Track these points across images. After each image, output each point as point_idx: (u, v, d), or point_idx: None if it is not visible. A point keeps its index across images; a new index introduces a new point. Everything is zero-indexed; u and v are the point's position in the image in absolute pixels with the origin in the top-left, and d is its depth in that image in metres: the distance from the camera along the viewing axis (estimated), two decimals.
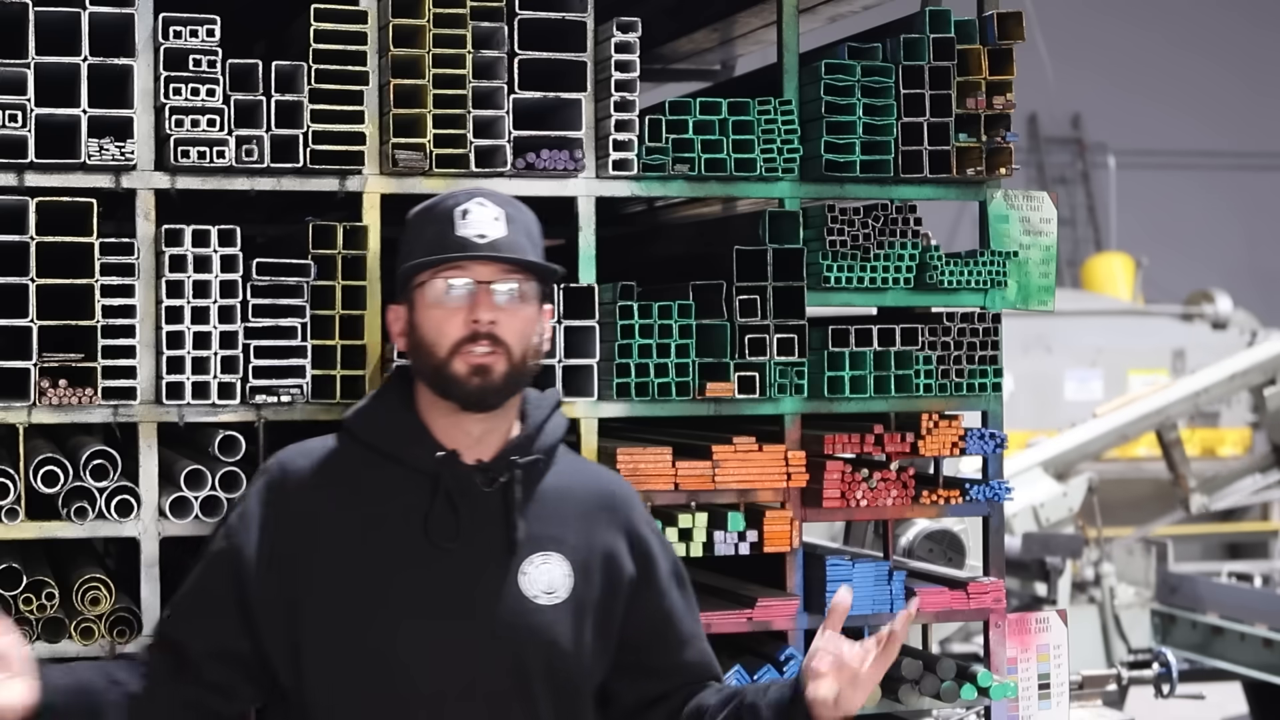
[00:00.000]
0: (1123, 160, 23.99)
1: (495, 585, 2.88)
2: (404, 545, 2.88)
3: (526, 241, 2.93)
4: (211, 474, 3.55)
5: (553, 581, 2.91)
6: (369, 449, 2.94)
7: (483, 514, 2.90)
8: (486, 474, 2.90)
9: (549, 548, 2.93)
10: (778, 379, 3.84)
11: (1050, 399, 13.45)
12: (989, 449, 3.98)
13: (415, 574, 2.87)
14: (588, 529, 2.97)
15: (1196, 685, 8.09)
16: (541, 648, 2.89)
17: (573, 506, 2.98)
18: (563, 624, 2.91)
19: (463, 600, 2.87)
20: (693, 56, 5.37)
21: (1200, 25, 24.54)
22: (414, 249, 2.93)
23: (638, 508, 3.07)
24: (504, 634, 2.87)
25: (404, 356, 3.01)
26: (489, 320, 2.85)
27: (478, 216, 2.89)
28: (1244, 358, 9.58)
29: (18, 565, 3.49)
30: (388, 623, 2.85)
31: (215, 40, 3.56)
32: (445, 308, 2.87)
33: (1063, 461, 8.94)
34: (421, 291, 2.90)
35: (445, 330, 2.86)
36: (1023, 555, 8.15)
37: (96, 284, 3.50)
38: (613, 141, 3.77)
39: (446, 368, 2.86)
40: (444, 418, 2.91)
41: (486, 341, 2.85)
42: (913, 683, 3.89)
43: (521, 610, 2.89)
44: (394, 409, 2.96)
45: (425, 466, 2.90)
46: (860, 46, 4.00)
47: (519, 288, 2.88)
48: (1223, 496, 9.46)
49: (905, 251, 3.94)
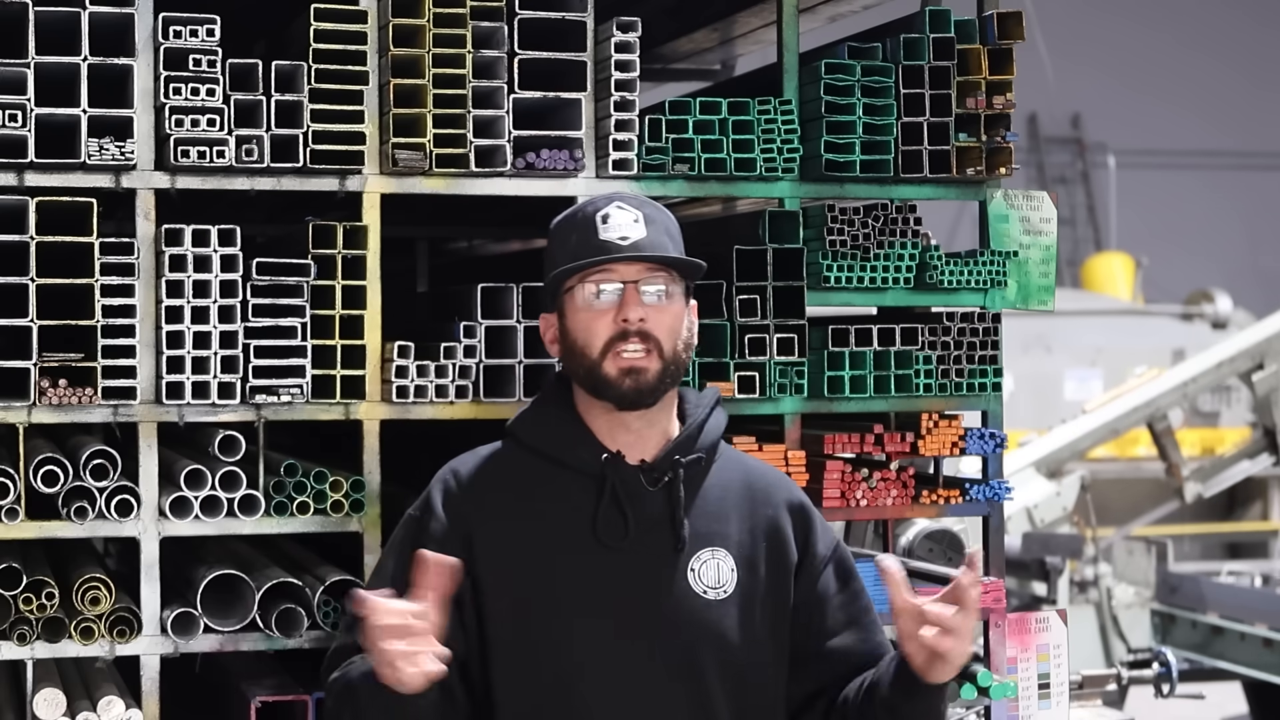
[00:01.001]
0: (1123, 160, 24.00)
1: (665, 583, 2.95)
2: (574, 546, 2.94)
3: (668, 240, 3.00)
4: (211, 474, 3.55)
5: (720, 576, 2.99)
6: (534, 453, 3.01)
7: (649, 513, 2.97)
8: (651, 473, 2.96)
9: (715, 543, 3.00)
10: (778, 379, 3.84)
11: (1050, 399, 13.46)
12: (989, 449, 3.98)
13: (587, 575, 2.93)
14: (750, 522, 3.04)
15: (1196, 685, 8.09)
16: (712, 642, 2.96)
17: (734, 501, 3.05)
18: (731, 618, 2.98)
19: (634, 599, 2.93)
20: (693, 56, 5.37)
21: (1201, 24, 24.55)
22: (559, 257, 3.00)
23: (796, 493, 3.14)
24: (676, 631, 2.93)
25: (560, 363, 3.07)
26: (639, 318, 2.92)
27: (618, 220, 2.97)
28: (1230, 344, 9.52)
29: (18, 565, 3.49)
30: (562, 623, 2.91)
31: (215, 40, 3.56)
32: (594, 310, 2.94)
33: (1054, 460, 8.92)
34: (570, 297, 2.97)
35: (595, 331, 2.94)
36: (1022, 555, 8.14)
37: (96, 284, 3.50)
38: (613, 141, 3.77)
39: (599, 369, 2.94)
40: (603, 418, 2.99)
41: (637, 339, 2.92)
42: None
43: (693, 607, 2.96)
44: (556, 413, 3.03)
45: (591, 468, 2.97)
46: (860, 46, 4.00)
47: (665, 286, 2.96)
48: (1217, 483, 9.41)
49: (905, 251, 3.94)
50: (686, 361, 3.01)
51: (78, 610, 3.48)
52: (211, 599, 3.55)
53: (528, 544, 2.95)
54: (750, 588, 3.01)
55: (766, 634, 3.02)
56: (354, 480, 3.61)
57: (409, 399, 3.63)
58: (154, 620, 3.53)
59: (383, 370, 3.65)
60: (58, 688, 3.49)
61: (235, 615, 3.57)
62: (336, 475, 3.61)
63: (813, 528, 3.11)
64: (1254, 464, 9.38)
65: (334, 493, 3.60)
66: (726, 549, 3.01)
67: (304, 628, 3.55)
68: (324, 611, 3.55)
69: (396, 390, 3.63)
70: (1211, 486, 9.33)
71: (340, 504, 3.60)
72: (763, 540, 3.04)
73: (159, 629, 3.53)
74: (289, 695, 3.60)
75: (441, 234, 5.74)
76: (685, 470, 2.98)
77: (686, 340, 3.00)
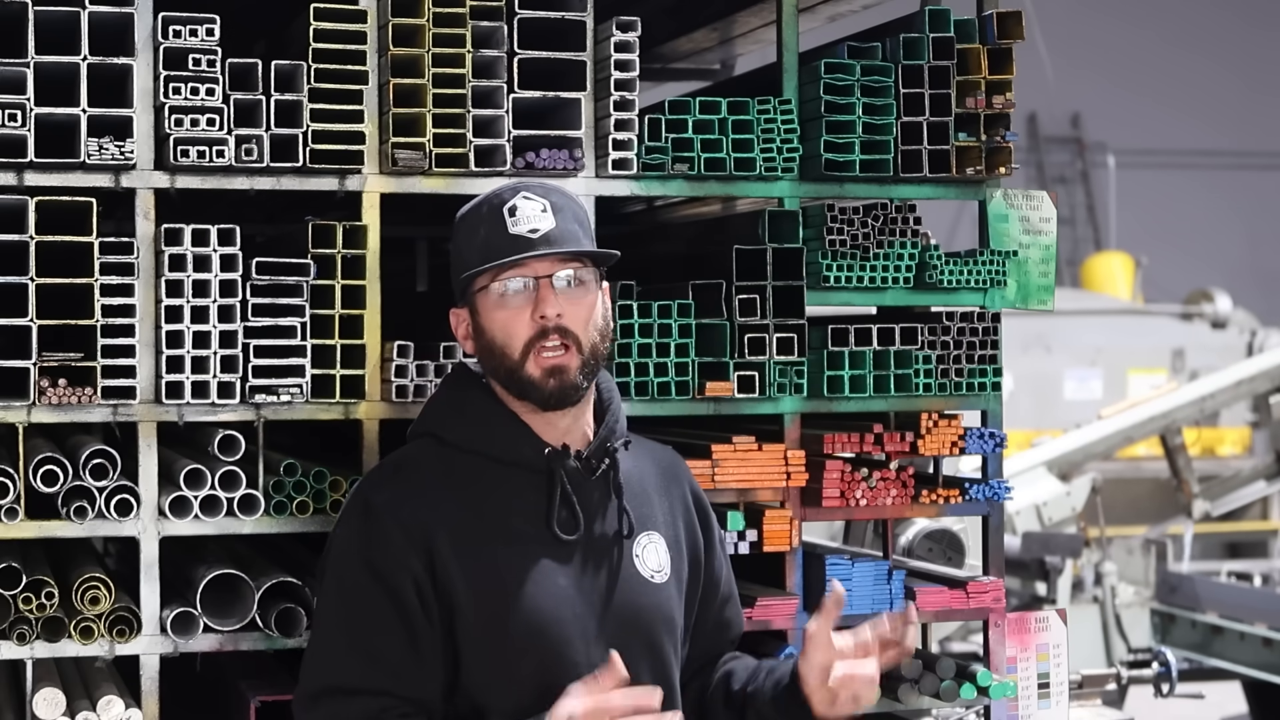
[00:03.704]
0: (1122, 160, 23.99)
1: (618, 570, 2.97)
2: (530, 540, 2.93)
3: (578, 228, 2.99)
4: (211, 473, 3.54)
5: (660, 559, 3.04)
6: (465, 452, 2.98)
7: (593, 502, 2.98)
8: (588, 463, 2.97)
9: (649, 527, 3.05)
10: (777, 378, 3.84)
11: (1050, 398, 13.46)
12: (988, 448, 3.98)
13: (547, 568, 2.93)
14: (668, 502, 3.10)
15: (1196, 685, 8.10)
16: (665, 623, 3.01)
17: (652, 484, 3.10)
18: (672, 599, 3.04)
19: (596, 589, 2.95)
20: (692, 56, 5.37)
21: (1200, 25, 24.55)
22: (467, 253, 2.97)
23: (688, 472, 3.22)
24: (638, 616, 2.97)
25: (470, 359, 3.09)
26: (556, 314, 2.90)
27: (526, 211, 2.94)
28: (1251, 364, 9.63)
29: (17, 565, 3.49)
30: (536, 620, 2.90)
31: (215, 40, 3.55)
32: (509, 308, 2.92)
33: (1067, 462, 8.95)
34: (483, 295, 2.95)
35: (513, 331, 2.92)
36: (1022, 555, 8.15)
37: (96, 283, 3.49)
38: (612, 141, 3.76)
39: (521, 370, 2.93)
40: (528, 415, 2.98)
41: (556, 335, 2.91)
42: (912, 682, 3.89)
43: (644, 590, 2.99)
44: (483, 410, 3.00)
45: (535, 464, 2.96)
46: (860, 46, 4.00)
47: (576, 274, 2.94)
48: (1225, 504, 9.49)
49: (905, 251, 3.94)
50: (605, 350, 2.99)
51: (77, 610, 3.48)
52: (211, 599, 3.55)
53: (486, 540, 2.92)
54: (678, 567, 3.07)
55: (687, 612, 3.10)
56: (353, 480, 3.61)
57: (409, 399, 3.63)
58: (154, 620, 3.53)
59: (382, 370, 3.65)
60: (57, 687, 3.49)
61: (235, 615, 3.57)
62: (336, 475, 3.61)
63: (705, 502, 3.20)
64: (1269, 486, 9.47)
65: (334, 492, 3.60)
66: (659, 531, 3.06)
67: (304, 627, 3.54)
68: None
69: (396, 390, 3.63)
70: (1220, 506, 9.39)
71: (340, 504, 3.59)
72: (680, 520, 3.11)
73: (159, 629, 3.53)
74: (289, 695, 3.59)
75: (441, 234, 5.71)
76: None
77: (603, 329, 2.98)
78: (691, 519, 3.15)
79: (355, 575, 2.91)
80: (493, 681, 2.91)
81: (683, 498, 3.16)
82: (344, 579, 2.93)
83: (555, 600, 2.91)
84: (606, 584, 2.96)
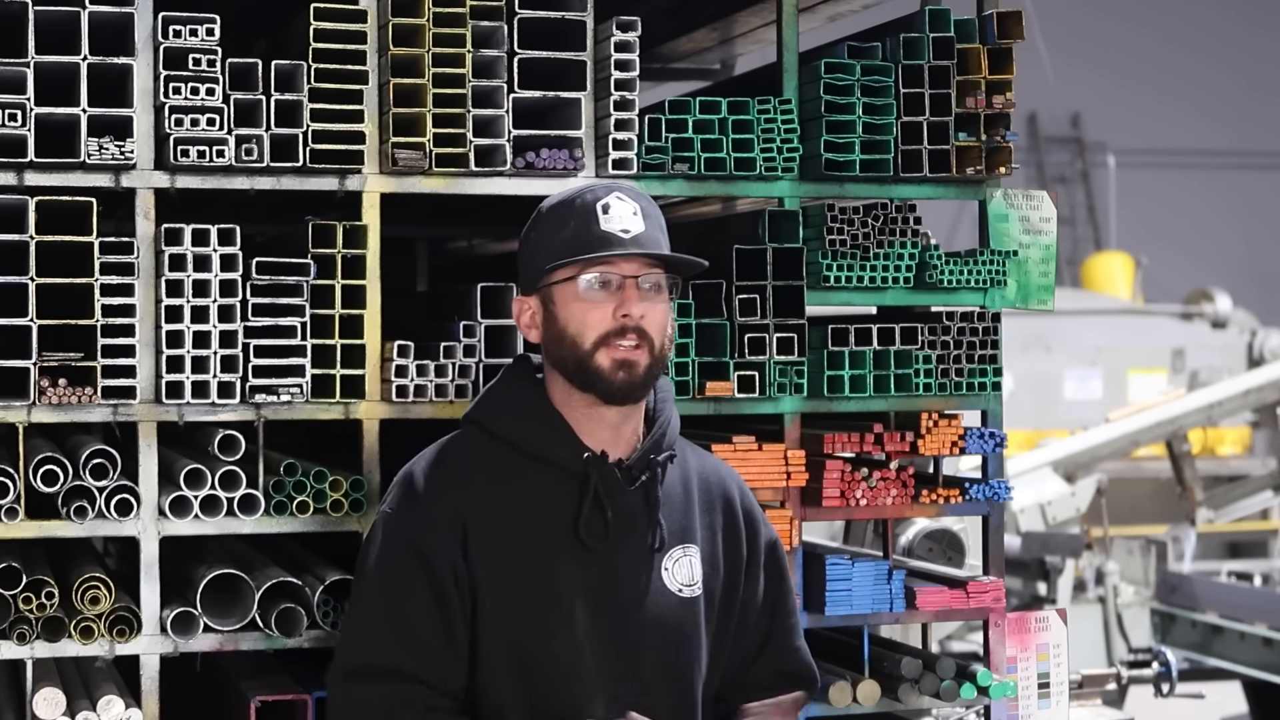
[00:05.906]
0: (1122, 159, 23.98)
1: (645, 582, 2.96)
2: (557, 544, 2.94)
3: (662, 236, 3.02)
4: (211, 473, 3.55)
5: (693, 574, 3.02)
6: (507, 445, 2.99)
7: (627, 512, 2.97)
8: (629, 472, 2.97)
9: (686, 540, 3.03)
10: (777, 378, 3.84)
11: (1050, 398, 13.45)
12: (988, 448, 3.98)
13: (570, 572, 2.93)
14: (709, 518, 3.07)
15: (1196, 684, 8.10)
16: (690, 639, 3.00)
17: (695, 496, 3.07)
18: (701, 615, 3.02)
19: (618, 598, 2.94)
20: (692, 56, 5.37)
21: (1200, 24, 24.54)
22: (553, 243, 2.97)
23: (743, 486, 3.17)
24: (660, 629, 2.95)
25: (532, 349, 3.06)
26: (640, 314, 2.91)
27: (619, 211, 2.96)
28: (1261, 374, 9.66)
29: (17, 564, 3.49)
30: (549, 624, 2.91)
31: (215, 39, 3.56)
32: (589, 301, 2.93)
33: (1072, 463, 8.96)
34: (564, 286, 2.96)
35: (590, 323, 2.92)
36: (1023, 555, 8.15)
37: (96, 283, 3.50)
38: (612, 141, 3.76)
39: (590, 360, 2.93)
40: (581, 410, 2.98)
41: (633, 335, 2.92)
42: (912, 681, 3.89)
43: (671, 604, 2.98)
44: (529, 404, 3.01)
45: (572, 467, 2.96)
46: (860, 46, 4.00)
47: (659, 280, 2.97)
48: (1230, 513, 9.50)
49: (905, 251, 3.94)
50: (667, 358, 3.03)
51: (77, 610, 3.48)
52: (211, 598, 3.55)
53: (514, 538, 2.94)
54: (712, 583, 3.05)
55: (716, 629, 3.07)
56: (353, 480, 3.61)
57: (409, 399, 3.63)
58: (154, 620, 3.53)
59: (382, 370, 3.65)
60: (57, 687, 3.49)
61: (235, 615, 3.57)
62: (336, 475, 3.61)
63: (757, 523, 3.16)
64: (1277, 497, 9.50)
65: (334, 492, 3.60)
66: (696, 545, 3.04)
67: (304, 627, 3.55)
68: (324, 611, 3.55)
69: (396, 390, 3.63)
70: (1224, 515, 9.41)
71: (340, 504, 3.60)
72: (720, 536, 3.08)
73: (159, 628, 3.53)
74: (289, 695, 3.60)
75: (441, 234, 5.74)
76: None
77: (670, 336, 3.03)
78: (737, 537, 3.11)
79: (400, 558, 2.94)
80: (504, 684, 2.92)
81: (727, 514, 3.11)
82: (389, 560, 2.96)
83: (568, 608, 2.92)
84: (629, 595, 2.95)
